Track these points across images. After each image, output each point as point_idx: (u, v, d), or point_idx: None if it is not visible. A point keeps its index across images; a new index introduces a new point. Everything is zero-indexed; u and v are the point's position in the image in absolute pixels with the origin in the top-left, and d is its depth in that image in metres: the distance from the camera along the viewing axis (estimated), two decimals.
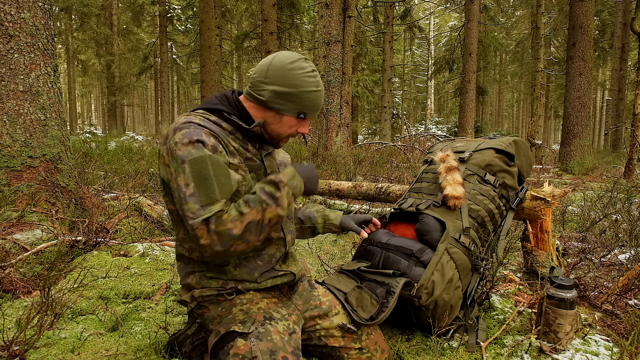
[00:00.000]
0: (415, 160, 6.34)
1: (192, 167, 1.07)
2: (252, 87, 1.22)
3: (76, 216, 2.74)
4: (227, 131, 1.20)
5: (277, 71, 1.17)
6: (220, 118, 1.21)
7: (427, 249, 1.56)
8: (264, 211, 1.10)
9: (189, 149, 1.07)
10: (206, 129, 1.12)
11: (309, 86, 1.20)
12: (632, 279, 1.82)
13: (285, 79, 1.17)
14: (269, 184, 1.14)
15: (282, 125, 1.24)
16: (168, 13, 18.68)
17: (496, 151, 1.79)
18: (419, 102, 31.88)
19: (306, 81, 1.19)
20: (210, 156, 1.08)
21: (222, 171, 1.09)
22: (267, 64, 1.19)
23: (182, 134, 1.09)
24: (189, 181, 1.06)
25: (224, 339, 1.16)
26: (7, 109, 2.51)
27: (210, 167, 1.08)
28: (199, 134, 1.09)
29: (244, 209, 1.08)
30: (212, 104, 1.22)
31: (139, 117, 45.67)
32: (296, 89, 1.18)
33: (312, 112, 1.25)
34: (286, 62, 1.18)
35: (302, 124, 1.26)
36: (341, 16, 7.72)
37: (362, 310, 1.37)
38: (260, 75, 1.19)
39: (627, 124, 9.64)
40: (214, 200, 1.06)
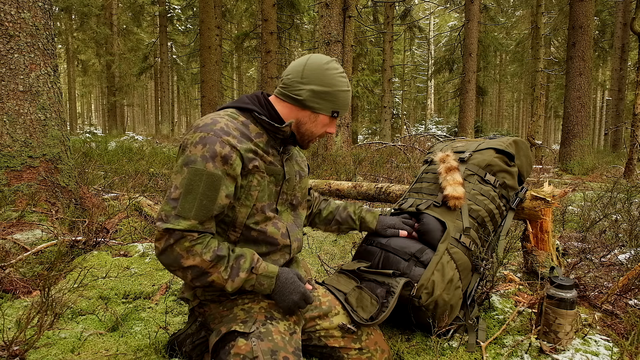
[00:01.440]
0: (415, 160, 6.35)
1: (189, 175, 1.09)
2: (286, 88, 1.24)
3: (76, 216, 2.74)
4: (252, 134, 1.20)
5: (313, 71, 1.21)
6: (250, 118, 1.23)
7: (427, 249, 1.56)
8: (216, 271, 1.12)
9: (196, 156, 1.09)
10: (225, 136, 1.12)
11: (343, 86, 1.24)
12: (632, 279, 1.82)
13: (322, 79, 1.21)
14: (250, 260, 1.15)
15: (316, 124, 1.26)
16: (168, 13, 18.69)
17: (496, 151, 1.79)
18: (419, 102, 31.87)
19: (341, 81, 1.23)
20: (209, 174, 1.09)
21: (211, 193, 1.09)
22: (302, 65, 1.22)
23: (199, 138, 1.11)
24: (179, 186, 1.09)
25: (225, 338, 1.16)
26: (7, 109, 2.51)
27: (202, 184, 1.08)
28: (214, 143, 1.10)
29: (207, 254, 1.10)
30: (243, 103, 1.24)
31: (139, 117, 45.67)
32: (332, 88, 1.22)
33: (344, 112, 1.28)
34: (322, 62, 1.22)
35: (332, 123, 1.30)
36: (341, 16, 7.72)
37: (362, 311, 1.37)
38: (296, 76, 1.22)
39: (627, 124, 9.64)
40: (187, 216, 1.08)
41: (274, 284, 1.18)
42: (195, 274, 1.11)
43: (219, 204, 1.12)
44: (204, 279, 1.12)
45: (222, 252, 1.13)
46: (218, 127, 1.13)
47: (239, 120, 1.20)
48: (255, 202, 1.21)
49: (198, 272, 1.11)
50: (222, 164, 1.10)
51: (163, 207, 1.10)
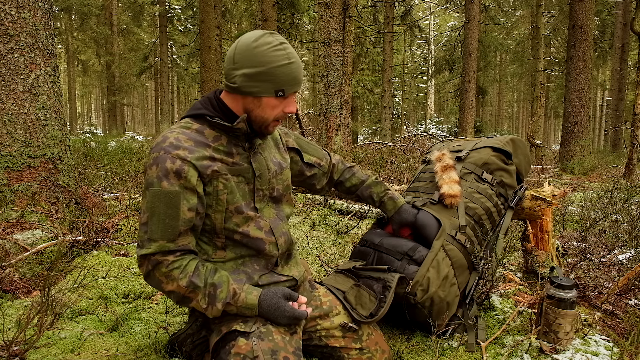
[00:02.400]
0: (415, 160, 6.34)
1: (150, 198, 1.10)
2: (226, 78, 1.17)
3: (76, 216, 2.74)
4: (209, 139, 1.17)
5: (242, 53, 1.11)
6: (205, 123, 1.19)
7: (420, 247, 1.56)
8: (194, 298, 1.13)
9: (153, 178, 1.10)
10: (175, 150, 1.10)
11: (279, 60, 1.11)
12: (632, 279, 1.82)
13: (252, 59, 1.10)
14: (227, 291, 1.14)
15: (263, 108, 1.16)
16: (168, 13, 18.68)
17: (493, 149, 1.79)
18: (419, 102, 31.87)
19: (275, 55, 1.10)
20: (165, 193, 1.08)
21: (172, 211, 1.09)
22: (232, 50, 1.13)
23: (153, 159, 1.11)
24: (146, 210, 1.11)
25: (225, 338, 1.16)
26: (7, 109, 2.51)
27: (162, 205, 1.09)
28: (164, 161, 1.09)
29: (182, 280, 1.11)
30: (195, 110, 1.20)
31: (139, 117, 45.66)
32: (266, 67, 1.10)
33: (291, 88, 1.15)
34: (249, 41, 1.11)
35: (286, 103, 1.18)
36: (341, 16, 7.72)
37: (361, 308, 1.37)
38: (229, 62, 1.14)
39: (627, 124, 9.64)
40: (154, 239, 1.10)
41: (256, 312, 1.16)
42: (176, 298, 1.14)
43: (184, 219, 1.11)
44: (186, 303, 1.15)
45: (198, 279, 1.12)
46: (167, 144, 1.11)
47: (192, 130, 1.16)
48: (227, 205, 1.18)
49: (178, 296, 1.14)
50: (177, 179, 1.09)
51: (138, 233, 1.12)
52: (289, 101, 1.19)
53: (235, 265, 1.23)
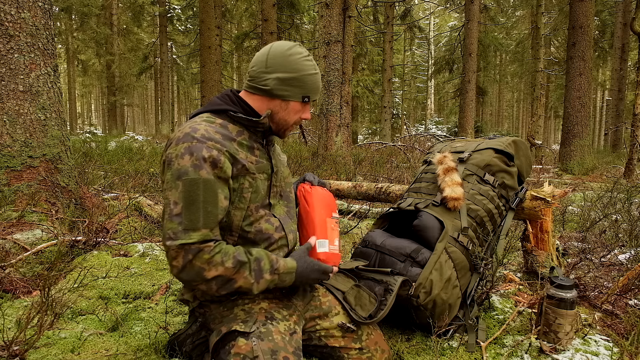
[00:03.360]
0: (415, 160, 6.34)
1: (185, 187, 1.07)
2: (253, 80, 1.22)
3: (76, 216, 2.74)
4: (233, 134, 1.19)
5: (277, 59, 1.19)
6: (227, 118, 1.21)
7: (423, 249, 1.56)
8: (241, 277, 1.12)
9: (187, 167, 1.07)
10: (209, 141, 1.11)
11: (309, 69, 1.22)
12: (632, 279, 1.82)
13: (286, 65, 1.19)
14: (269, 261, 1.16)
15: (288, 112, 1.24)
16: (168, 13, 18.68)
17: (495, 151, 1.79)
18: (419, 102, 31.87)
19: (306, 64, 1.21)
20: (204, 180, 1.08)
21: (212, 198, 1.09)
22: (264, 55, 1.20)
23: (184, 149, 1.09)
24: (179, 200, 1.07)
25: (225, 338, 1.16)
26: (7, 109, 2.51)
27: (201, 192, 1.07)
28: (200, 150, 1.08)
29: (228, 261, 1.09)
30: (216, 105, 1.22)
31: (139, 117, 45.66)
32: (298, 73, 1.20)
33: (315, 95, 1.26)
34: (284, 49, 1.20)
35: (305, 109, 1.27)
36: (341, 16, 7.71)
37: (360, 309, 1.37)
38: (260, 66, 1.20)
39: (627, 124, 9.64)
40: (196, 227, 1.06)
41: (294, 278, 1.20)
42: (220, 283, 1.11)
43: (221, 207, 1.11)
44: (230, 286, 1.12)
45: (242, 257, 1.12)
46: (199, 134, 1.11)
47: (216, 124, 1.18)
48: (249, 204, 1.20)
49: (223, 280, 1.10)
50: (213, 168, 1.09)
51: (167, 225, 1.07)
52: (307, 108, 1.28)
53: None
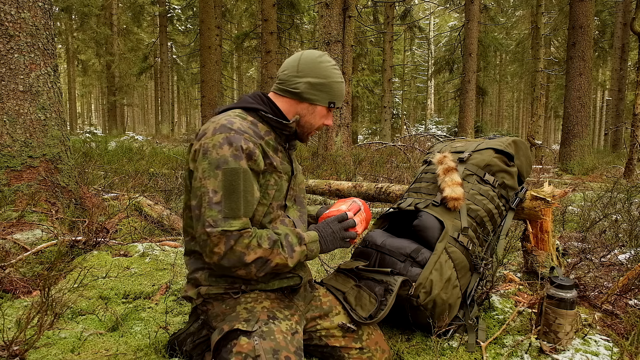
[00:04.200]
0: (415, 160, 6.34)
1: (225, 176, 1.10)
2: (284, 83, 1.28)
3: (76, 216, 2.74)
4: (262, 133, 1.23)
5: (308, 64, 1.26)
6: (257, 117, 1.25)
7: (423, 249, 1.56)
8: (277, 255, 1.16)
9: (226, 157, 1.11)
10: (246, 134, 1.15)
11: (337, 77, 1.29)
12: (632, 279, 1.82)
13: (317, 71, 1.25)
14: (295, 235, 1.21)
15: (315, 116, 1.30)
16: (168, 13, 18.68)
17: (495, 151, 1.79)
18: (419, 102, 31.86)
19: (334, 72, 1.28)
20: (244, 170, 1.12)
21: (251, 188, 1.13)
22: (296, 60, 1.27)
23: (223, 138, 1.12)
24: (218, 189, 1.10)
25: (227, 336, 1.16)
26: (7, 109, 2.51)
27: (242, 181, 1.11)
28: (239, 141, 1.13)
29: (264, 242, 1.13)
30: (248, 103, 1.26)
31: (139, 117, 45.66)
32: (327, 80, 1.26)
33: (339, 102, 1.32)
34: (315, 56, 1.27)
35: (328, 115, 1.34)
36: (341, 16, 7.71)
37: (361, 309, 1.38)
38: (292, 70, 1.26)
39: (627, 124, 9.64)
40: (237, 215, 1.10)
41: (319, 246, 1.26)
42: (259, 265, 1.14)
43: (257, 197, 1.16)
44: (268, 267, 1.16)
45: (274, 236, 1.17)
46: (236, 127, 1.16)
47: (248, 120, 1.23)
48: (271, 201, 1.23)
49: (261, 262, 1.14)
50: (248, 160, 1.14)
51: (207, 213, 1.09)
52: (330, 114, 1.35)
53: None
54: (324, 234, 1.28)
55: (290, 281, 1.30)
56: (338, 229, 1.29)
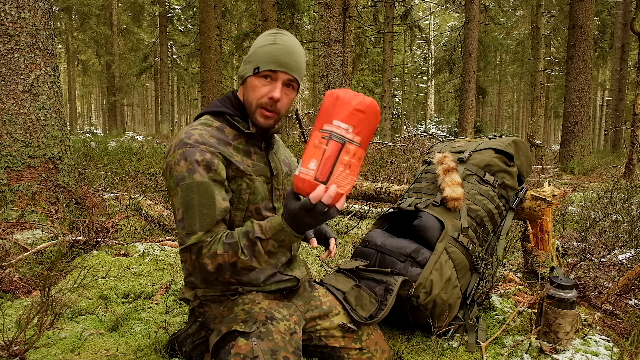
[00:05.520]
0: (415, 160, 6.34)
1: (182, 192, 1.10)
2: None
3: (76, 216, 2.74)
4: (230, 138, 1.20)
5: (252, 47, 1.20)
6: (225, 121, 1.22)
7: (423, 249, 1.56)
8: (236, 257, 1.07)
9: (183, 172, 1.10)
10: (202, 145, 1.12)
11: (265, 42, 1.15)
12: (632, 279, 1.82)
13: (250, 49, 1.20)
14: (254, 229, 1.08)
15: (248, 90, 1.18)
16: (168, 13, 18.68)
17: (495, 151, 1.79)
18: (419, 102, 31.87)
19: (263, 39, 1.17)
20: (198, 184, 1.09)
21: (207, 200, 1.09)
22: None
23: (180, 154, 1.11)
24: (179, 206, 1.11)
25: (225, 338, 1.16)
26: (7, 109, 2.51)
27: (195, 196, 1.09)
28: (193, 154, 1.10)
29: (219, 249, 1.08)
30: (215, 107, 1.23)
31: (139, 117, 45.65)
32: (253, 48, 1.18)
33: (268, 65, 1.12)
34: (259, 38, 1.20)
35: (270, 86, 1.14)
36: (341, 16, 7.71)
37: (361, 309, 1.37)
38: None
39: (627, 124, 9.64)
40: (193, 231, 1.09)
41: (289, 229, 1.02)
42: (225, 270, 1.10)
43: (220, 209, 1.11)
44: (236, 270, 1.10)
45: (232, 239, 1.09)
46: (193, 139, 1.12)
47: (213, 127, 1.19)
48: (247, 205, 1.21)
49: (226, 267, 1.09)
50: (207, 171, 1.10)
51: (177, 232, 1.13)
52: (272, 85, 1.15)
53: None
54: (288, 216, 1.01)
55: (287, 283, 1.30)
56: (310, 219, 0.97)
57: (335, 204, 0.95)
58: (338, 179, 0.95)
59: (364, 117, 0.96)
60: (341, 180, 0.95)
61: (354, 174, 0.97)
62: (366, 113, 0.96)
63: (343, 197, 0.96)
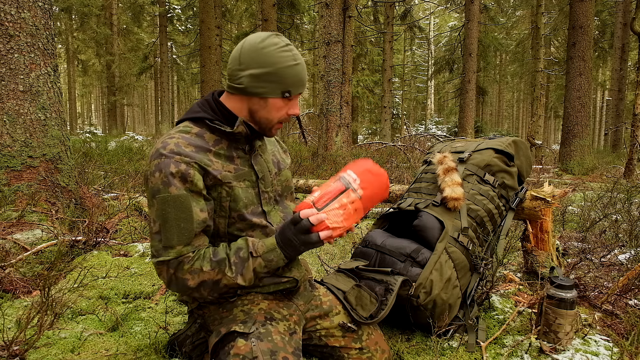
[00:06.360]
0: (415, 160, 6.34)
1: (158, 205, 1.07)
2: (229, 79, 1.15)
3: (76, 216, 2.74)
4: (210, 144, 1.15)
5: (249, 54, 1.10)
6: (205, 126, 1.17)
7: (423, 249, 1.56)
8: (222, 275, 1.09)
9: (158, 185, 1.06)
10: (177, 155, 1.07)
11: (287, 61, 1.10)
12: (632, 279, 1.82)
13: (259, 60, 1.09)
14: (247, 248, 1.12)
15: (269, 110, 1.15)
16: (168, 13, 18.68)
17: (495, 151, 1.79)
18: (419, 102, 31.88)
19: (282, 56, 1.10)
20: (174, 198, 1.05)
21: (184, 214, 1.06)
22: (238, 51, 1.12)
23: (155, 166, 1.07)
24: (156, 218, 1.07)
25: (224, 339, 1.15)
26: (7, 109, 2.51)
27: (172, 210, 1.06)
28: (167, 166, 1.06)
29: (205, 264, 1.08)
30: (194, 113, 1.18)
31: (139, 117, 45.66)
32: (273, 67, 1.09)
33: (297, 89, 1.15)
34: (256, 42, 1.10)
35: (290, 105, 1.17)
36: (341, 16, 7.71)
37: (361, 309, 1.37)
38: (234, 63, 1.12)
39: (627, 124, 9.65)
40: (172, 245, 1.06)
41: (280, 251, 1.12)
42: (207, 288, 1.10)
43: (198, 221, 1.08)
44: (219, 288, 1.11)
45: (219, 255, 1.10)
46: (168, 150, 1.08)
47: (192, 134, 1.14)
48: (229, 212, 1.17)
49: (209, 285, 1.09)
50: (183, 183, 1.06)
51: (152, 243, 1.09)
52: (293, 103, 1.18)
53: None
54: (282, 240, 1.13)
55: (286, 285, 1.28)
56: (293, 235, 1.11)
57: (319, 232, 1.08)
58: (330, 213, 1.09)
59: (372, 179, 1.15)
60: (333, 216, 1.09)
61: (346, 220, 1.10)
62: (375, 176, 1.16)
63: (328, 230, 1.09)
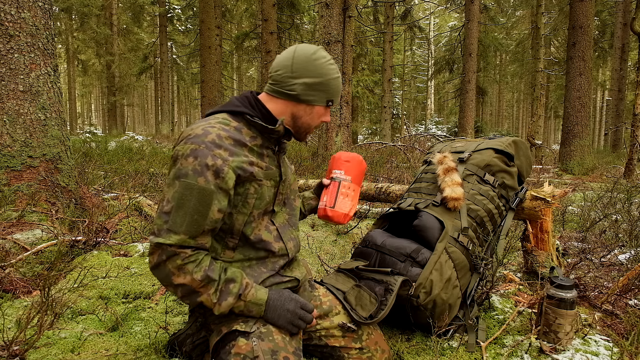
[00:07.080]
0: (415, 160, 6.34)
1: (180, 188, 1.05)
2: (278, 84, 1.20)
3: (76, 216, 2.74)
4: (246, 139, 1.17)
5: (303, 64, 1.18)
6: (243, 121, 1.19)
7: (423, 249, 1.56)
8: (205, 293, 1.10)
9: (188, 169, 1.05)
10: (217, 149, 1.08)
11: (333, 73, 1.23)
12: (632, 279, 1.82)
13: (313, 70, 1.19)
14: (239, 285, 1.14)
15: (313, 116, 1.25)
16: (168, 13, 18.69)
17: (495, 151, 1.79)
18: (419, 102, 31.89)
19: (330, 69, 1.22)
20: (200, 189, 1.05)
21: (202, 209, 1.06)
22: (289, 59, 1.19)
23: (191, 150, 1.06)
24: (171, 199, 1.06)
25: (225, 338, 1.16)
26: (7, 109, 2.51)
27: (193, 199, 1.05)
28: (205, 157, 1.06)
29: (197, 273, 1.08)
30: (234, 106, 1.20)
31: (139, 117, 45.65)
32: (324, 78, 1.20)
33: (337, 99, 1.28)
34: (309, 53, 1.19)
35: (327, 112, 1.30)
36: (341, 16, 7.71)
37: (361, 309, 1.37)
38: (286, 70, 1.18)
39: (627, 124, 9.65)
40: (177, 231, 1.05)
41: (263, 310, 1.16)
42: (184, 292, 1.09)
43: (211, 219, 1.09)
44: (193, 298, 1.11)
45: (213, 274, 1.10)
46: (209, 139, 1.08)
47: (231, 127, 1.16)
48: (252, 210, 1.18)
49: (188, 290, 1.09)
50: (214, 177, 1.06)
51: (156, 220, 1.07)
52: (328, 112, 1.30)
53: (241, 267, 1.22)
54: (276, 305, 1.18)
55: (287, 284, 1.29)
56: (293, 312, 1.18)
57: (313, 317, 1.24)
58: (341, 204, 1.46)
59: (350, 164, 1.52)
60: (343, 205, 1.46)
61: (352, 199, 1.48)
62: (351, 162, 1.52)
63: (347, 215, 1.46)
